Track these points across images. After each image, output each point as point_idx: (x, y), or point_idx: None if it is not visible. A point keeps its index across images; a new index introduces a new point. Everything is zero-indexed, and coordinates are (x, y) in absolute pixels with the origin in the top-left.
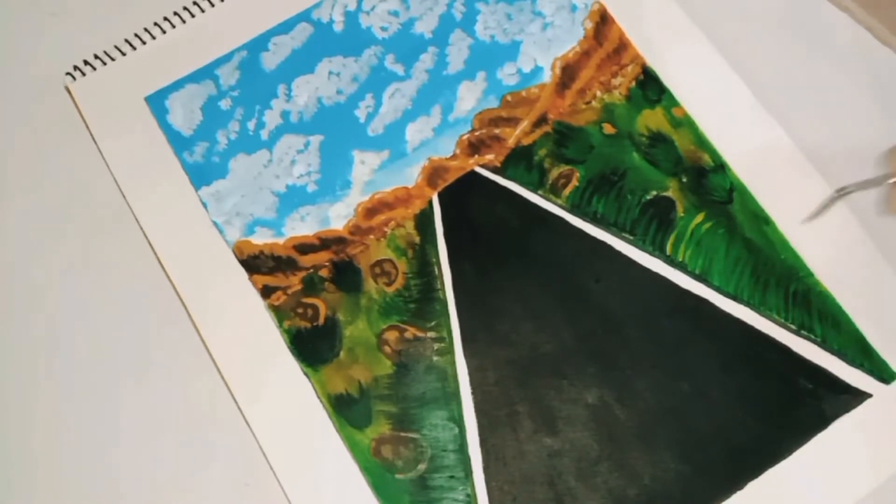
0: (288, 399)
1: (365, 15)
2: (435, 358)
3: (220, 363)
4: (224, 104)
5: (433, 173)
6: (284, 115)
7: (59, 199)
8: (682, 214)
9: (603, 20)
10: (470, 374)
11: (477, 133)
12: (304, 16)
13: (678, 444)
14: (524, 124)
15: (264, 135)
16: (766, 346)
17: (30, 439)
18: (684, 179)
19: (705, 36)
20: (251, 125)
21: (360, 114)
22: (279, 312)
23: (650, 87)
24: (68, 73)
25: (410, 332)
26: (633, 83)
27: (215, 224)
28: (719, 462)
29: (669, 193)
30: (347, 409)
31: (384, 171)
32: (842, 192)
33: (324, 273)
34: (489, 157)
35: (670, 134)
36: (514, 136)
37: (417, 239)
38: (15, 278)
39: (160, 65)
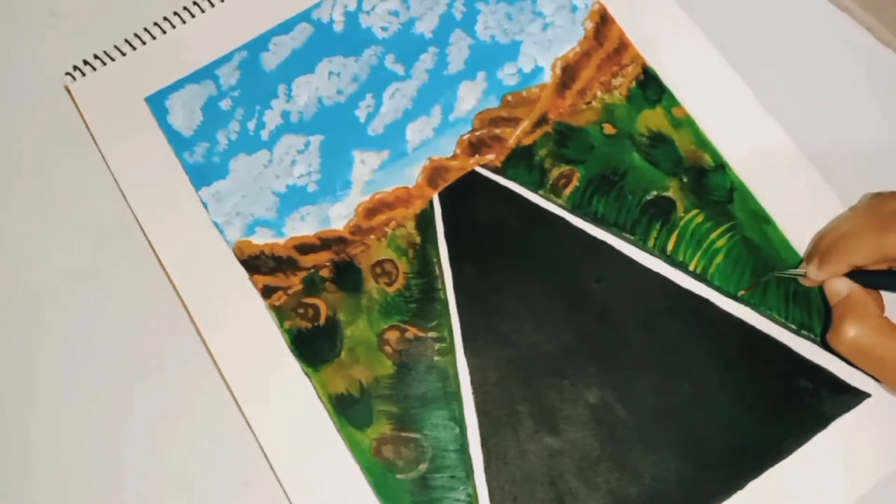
0: (289, 399)
1: (365, 15)
2: (436, 358)
3: (220, 363)
4: (224, 104)
5: (434, 173)
6: (285, 115)
7: (60, 199)
8: (682, 214)
9: (603, 20)
10: (471, 373)
11: (477, 133)
12: (304, 16)
13: (679, 444)
14: (524, 124)
15: (264, 135)
16: (766, 346)
17: (31, 441)
18: (685, 179)
19: (706, 36)
20: (251, 125)
21: (361, 114)
22: (280, 312)
23: (650, 87)
24: (68, 74)
25: (411, 331)
26: (634, 83)
27: (216, 224)
28: (720, 461)
29: (670, 193)
30: (348, 409)
31: (384, 171)
32: (778, 275)
33: (324, 273)
34: (490, 157)
35: (670, 134)
36: (514, 136)
37: (418, 239)
38: (14, 277)
39: (160, 65)
